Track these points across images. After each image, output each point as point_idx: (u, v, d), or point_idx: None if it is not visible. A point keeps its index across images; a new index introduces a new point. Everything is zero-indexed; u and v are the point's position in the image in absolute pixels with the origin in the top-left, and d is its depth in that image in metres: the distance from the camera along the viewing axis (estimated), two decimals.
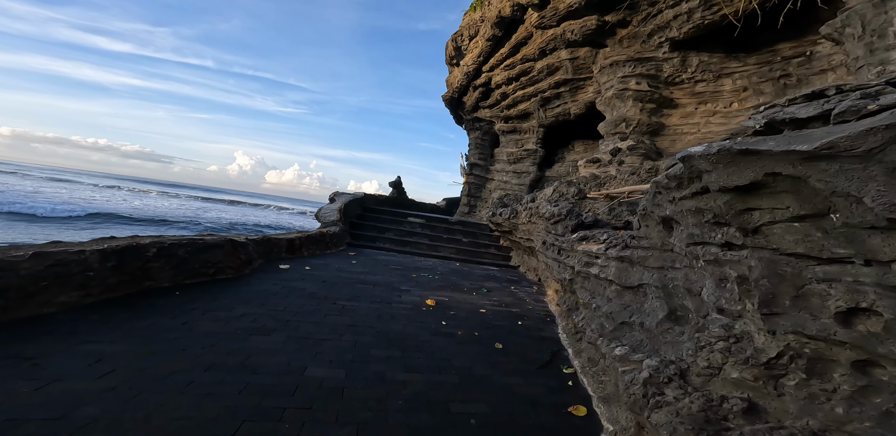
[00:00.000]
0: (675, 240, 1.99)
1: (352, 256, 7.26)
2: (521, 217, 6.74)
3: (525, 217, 6.41)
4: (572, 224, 4.25)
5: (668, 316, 2.14)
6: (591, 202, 4.77)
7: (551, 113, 11.71)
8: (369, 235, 9.11)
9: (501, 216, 7.50)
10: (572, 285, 3.88)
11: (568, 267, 4.01)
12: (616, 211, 4.53)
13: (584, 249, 3.66)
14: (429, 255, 8.84)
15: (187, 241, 3.62)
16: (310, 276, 5.04)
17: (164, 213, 33.94)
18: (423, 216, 11.30)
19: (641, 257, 2.45)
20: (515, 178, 13.24)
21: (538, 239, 5.52)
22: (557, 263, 4.47)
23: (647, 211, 2.27)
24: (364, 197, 11.19)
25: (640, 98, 8.06)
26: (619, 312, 2.81)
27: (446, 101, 15.48)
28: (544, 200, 5.06)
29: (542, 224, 5.00)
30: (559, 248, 4.45)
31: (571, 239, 4.07)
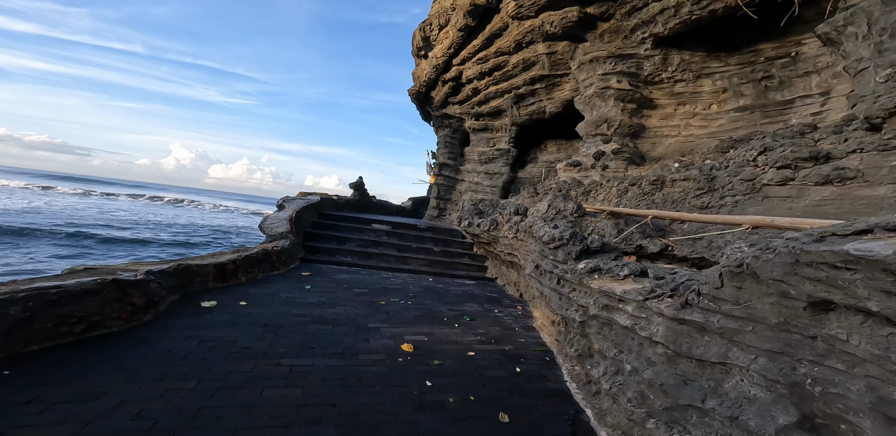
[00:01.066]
0: (832, 328, 1.25)
1: (305, 277, 6.09)
2: (504, 230, 5.97)
3: (509, 232, 5.65)
4: (576, 250, 3.52)
5: (798, 424, 1.40)
6: (591, 219, 4.11)
7: (525, 111, 11.10)
8: (327, 248, 7.91)
9: (479, 227, 6.69)
10: (584, 329, 3.13)
11: (576, 305, 3.26)
12: (625, 231, 3.86)
13: (602, 287, 2.91)
14: (397, 269, 7.84)
15: (26, 293, 2.37)
16: (244, 317, 3.88)
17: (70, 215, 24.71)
18: (389, 222, 10.23)
19: (728, 330, 1.71)
20: (487, 179, 12.54)
21: (528, 260, 4.77)
22: (558, 294, 3.72)
23: (750, 269, 1.51)
24: (321, 202, 9.88)
25: (621, 97, 7.59)
26: (676, 386, 2.07)
27: (413, 96, 14.39)
28: (538, 217, 4.32)
29: (536, 246, 4.24)
30: (559, 277, 3.70)
31: (579, 270, 3.32)
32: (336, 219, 9.77)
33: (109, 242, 17.59)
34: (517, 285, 7.01)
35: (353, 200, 12.67)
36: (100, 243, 17.18)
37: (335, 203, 11.22)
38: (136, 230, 22.54)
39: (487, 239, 6.79)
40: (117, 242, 17.66)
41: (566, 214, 4.04)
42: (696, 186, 3.89)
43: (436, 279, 7.61)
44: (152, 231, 23.04)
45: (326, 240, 8.38)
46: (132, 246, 17.66)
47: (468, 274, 8.35)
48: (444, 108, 13.83)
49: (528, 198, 7.86)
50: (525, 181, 12.20)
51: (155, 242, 19.35)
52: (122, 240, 18.29)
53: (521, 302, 6.46)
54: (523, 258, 5.11)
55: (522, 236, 4.88)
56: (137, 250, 16.73)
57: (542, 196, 7.54)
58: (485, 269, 8.86)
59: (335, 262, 7.49)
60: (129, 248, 17.07)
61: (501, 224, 6.30)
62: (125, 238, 18.81)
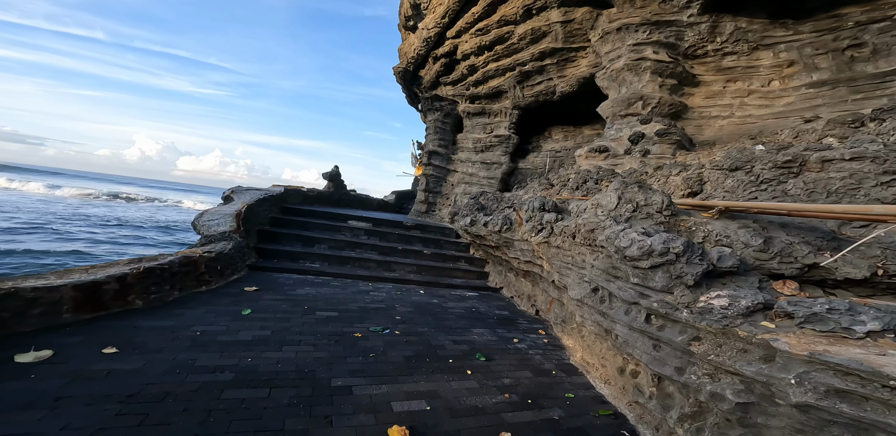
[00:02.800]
0: None
1: (249, 294, 4.42)
2: (523, 232, 4.48)
3: (532, 234, 4.16)
4: (694, 273, 2.06)
5: None
6: (692, 219, 2.65)
7: (531, 91, 9.65)
8: (289, 251, 6.21)
9: (487, 227, 5.18)
10: (750, 415, 1.67)
11: (714, 370, 1.80)
12: (773, 240, 2.30)
13: (824, 356, 1.44)
14: (379, 278, 6.24)
15: None
16: (94, 381, 2.22)
17: None
18: (370, 218, 8.58)
19: None
20: (484, 169, 11.06)
21: (572, 277, 3.30)
22: (650, 340, 2.26)
23: None
24: (285, 194, 8.13)
25: (659, 71, 6.24)
26: None
27: (398, 75, 12.71)
28: (604, 216, 2.80)
29: (602, 261, 2.76)
30: (656, 313, 2.24)
31: (717, 309, 1.86)
32: (304, 215, 8.04)
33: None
34: (532, 300, 5.56)
35: (327, 193, 10.91)
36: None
37: (304, 196, 9.44)
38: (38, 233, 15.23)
39: (496, 242, 5.29)
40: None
41: (651, 212, 2.62)
42: (881, 168, 2.55)
43: (428, 291, 6.06)
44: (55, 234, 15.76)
45: (290, 241, 6.67)
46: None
47: (467, 283, 6.84)
48: (435, 89, 12.24)
49: (542, 190, 6.43)
50: (527, 172, 10.80)
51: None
52: None
53: (539, 322, 5.02)
54: (560, 272, 3.63)
55: (564, 243, 3.41)
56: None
57: (559, 188, 6.10)
58: (485, 275, 7.38)
59: (298, 269, 5.80)
60: None
61: (518, 223, 4.81)
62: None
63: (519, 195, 6.80)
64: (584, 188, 5.22)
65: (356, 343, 3.43)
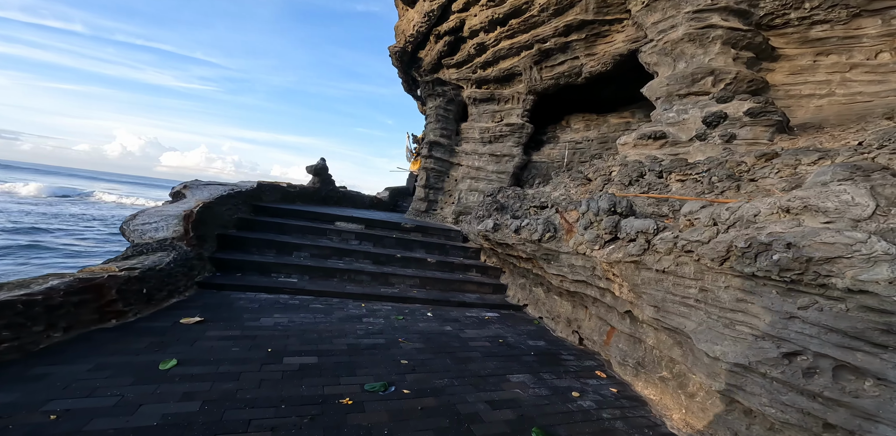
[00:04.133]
0: None
1: (186, 328, 3.15)
2: (578, 243, 3.29)
3: (594, 247, 2.97)
4: None
5: None
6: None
7: (550, 73, 8.46)
8: (258, 262, 4.93)
9: (518, 234, 3.98)
10: None
11: None
12: None
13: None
14: (374, 295, 5.00)
15: None
16: None
17: None
18: (362, 219, 7.33)
19: None
20: (493, 163, 9.85)
21: (710, 324, 2.11)
22: None
23: None
24: (258, 190, 6.82)
25: (733, 41, 5.10)
26: None
27: (395, 56, 11.42)
28: (848, 227, 1.53)
29: (864, 318, 1.53)
30: None
31: None
32: (281, 215, 6.74)
33: None
34: (573, 325, 4.38)
35: (312, 190, 9.60)
36: None
37: (283, 193, 8.12)
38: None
39: (531, 253, 4.08)
40: None
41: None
42: None
43: (437, 312, 4.85)
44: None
45: (260, 248, 5.38)
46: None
47: (482, 299, 5.64)
48: (436, 72, 10.98)
49: (577, 186, 5.25)
50: (542, 166, 9.62)
51: None
52: None
53: (589, 356, 3.85)
54: (661, 308, 2.46)
55: (681, 267, 2.21)
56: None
57: (600, 184, 4.92)
58: (502, 288, 6.19)
59: (269, 287, 4.53)
60: None
61: (566, 230, 3.61)
62: None
63: (545, 192, 5.62)
64: (644, 184, 4.05)
65: (344, 421, 2.20)
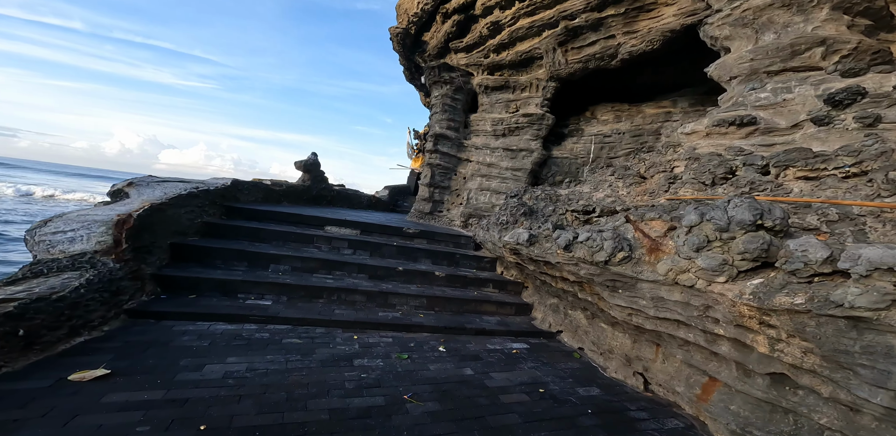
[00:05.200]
0: None
1: (76, 389, 2.13)
2: (677, 270, 2.29)
3: (765, 292, 1.96)
4: None
5: None
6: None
7: (578, 56, 7.44)
8: (221, 280, 3.91)
9: (571, 252, 2.95)
10: None
11: None
12: None
13: None
14: (370, 323, 4.00)
15: None
16: None
17: None
18: (357, 222, 6.32)
19: None
20: (507, 158, 8.83)
21: None
22: None
23: None
24: (233, 187, 5.81)
25: (844, 5, 4.05)
26: None
27: (396, 40, 10.39)
28: None
29: None
30: None
31: None
32: (260, 218, 5.73)
33: None
34: (631, 363, 3.38)
35: (301, 188, 8.58)
36: None
37: (266, 191, 7.10)
38: None
39: (586, 276, 3.05)
40: None
41: None
42: None
43: (451, 344, 3.86)
44: None
45: (228, 261, 4.37)
46: None
47: (504, 323, 4.65)
48: (443, 57, 9.96)
49: (627, 186, 4.23)
50: (564, 163, 8.60)
51: None
52: None
53: (668, 412, 2.85)
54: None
55: None
56: None
57: (663, 182, 3.90)
58: (526, 308, 5.21)
59: (230, 314, 3.52)
60: None
61: (645, 249, 2.59)
62: None
63: (583, 193, 4.61)
64: (739, 182, 3.06)
65: None
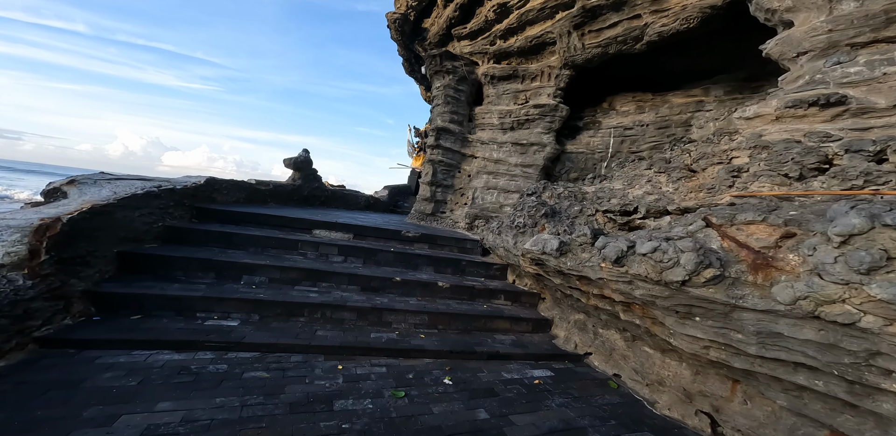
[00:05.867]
0: None
1: None
2: (825, 297, 1.61)
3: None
4: None
5: None
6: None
7: (596, 39, 6.77)
8: (177, 296, 3.23)
9: (619, 266, 2.26)
10: None
11: None
12: None
13: None
14: (359, 347, 3.33)
15: None
16: None
17: None
18: (350, 226, 5.66)
19: None
20: (516, 153, 8.15)
21: None
22: None
23: None
24: (206, 187, 5.16)
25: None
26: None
27: (394, 27, 9.78)
28: None
29: None
30: None
31: None
32: (238, 221, 5.08)
33: None
34: (693, 399, 2.68)
35: (291, 188, 7.93)
36: None
37: (249, 192, 6.45)
38: None
39: (645, 297, 2.35)
40: None
41: None
42: None
43: (458, 374, 3.17)
44: None
45: (190, 272, 3.71)
46: None
47: (520, 343, 3.96)
48: (445, 45, 9.33)
49: (673, 181, 3.52)
50: (579, 159, 7.91)
51: None
52: None
53: None
54: None
55: None
56: None
57: (725, 177, 3.22)
58: (544, 323, 4.52)
59: (181, 340, 2.85)
60: None
61: (748, 266, 1.89)
62: None
63: (615, 190, 3.92)
64: (838, 174, 2.36)
65: None
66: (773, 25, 4.27)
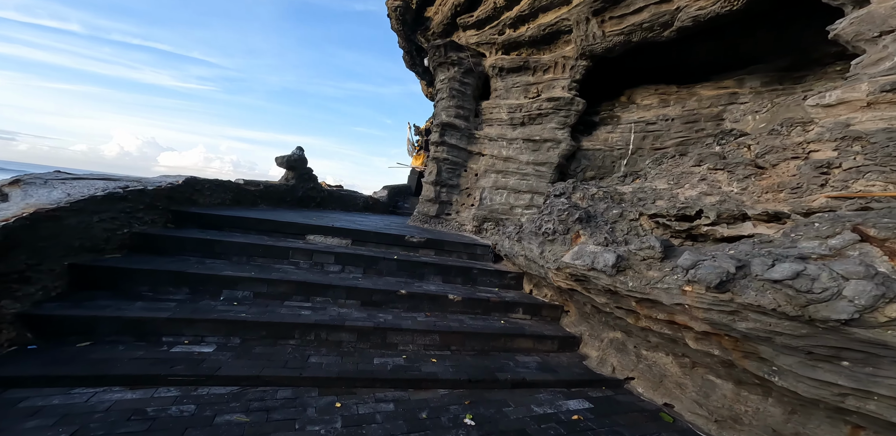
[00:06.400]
0: None
1: None
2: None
3: None
4: None
5: None
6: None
7: (619, 26, 6.28)
8: (135, 319, 2.69)
9: (721, 292, 1.75)
10: None
11: None
12: None
13: None
14: (361, 378, 2.79)
15: None
16: None
17: None
18: (348, 230, 5.14)
19: None
20: (528, 151, 7.65)
21: None
22: None
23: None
24: (185, 187, 4.62)
25: None
26: None
27: (394, 15, 9.28)
28: None
29: None
30: None
31: None
32: (221, 226, 4.55)
33: None
34: None
35: (284, 188, 7.41)
36: None
37: (237, 193, 5.92)
38: None
39: (764, 333, 1.82)
40: None
41: None
42: None
43: (480, 409, 2.64)
44: None
45: (158, 287, 3.18)
46: None
47: (547, 366, 3.44)
48: (450, 35, 8.84)
49: (740, 179, 2.99)
50: (596, 156, 7.41)
51: None
52: None
53: None
54: None
55: None
56: None
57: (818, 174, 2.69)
58: (571, 340, 4.01)
59: (135, 375, 2.31)
60: None
61: None
62: None
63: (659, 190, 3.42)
64: None
65: None
66: (840, 5, 3.78)
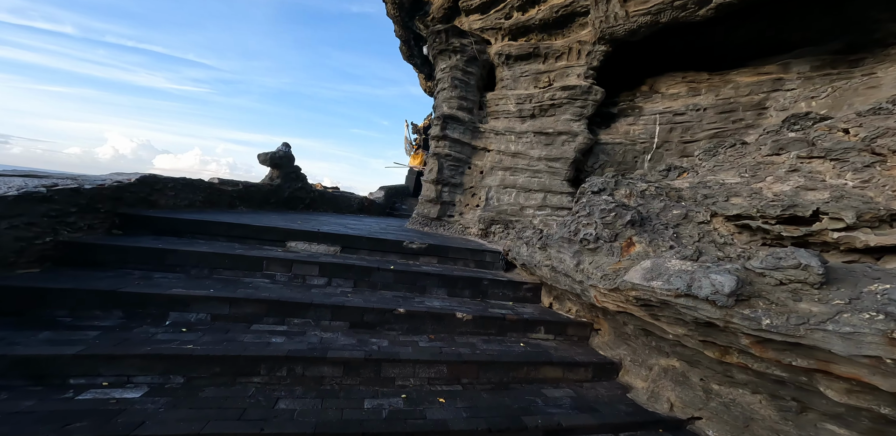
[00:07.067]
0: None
1: None
2: None
3: None
4: None
5: None
6: None
7: (645, 5, 5.66)
8: (30, 357, 2.00)
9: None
10: None
11: None
12: None
13: None
14: (349, 434, 2.07)
15: None
16: None
17: None
18: (337, 236, 4.46)
19: None
20: (540, 145, 6.99)
21: None
22: None
23: None
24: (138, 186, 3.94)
25: None
26: None
27: (391, 1, 8.66)
28: None
29: None
30: None
31: None
32: (180, 232, 3.87)
33: None
34: None
35: (267, 189, 6.72)
36: None
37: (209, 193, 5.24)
38: None
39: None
40: None
41: None
42: None
43: None
44: None
45: (80, 311, 2.49)
46: None
47: (582, 402, 2.75)
48: (451, 20, 8.24)
49: (856, 170, 2.33)
50: (616, 150, 6.76)
51: None
52: None
53: None
54: None
55: None
56: None
57: None
58: (608, 367, 3.34)
59: None
60: None
61: None
62: None
63: (729, 185, 2.78)
64: None
65: None
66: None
